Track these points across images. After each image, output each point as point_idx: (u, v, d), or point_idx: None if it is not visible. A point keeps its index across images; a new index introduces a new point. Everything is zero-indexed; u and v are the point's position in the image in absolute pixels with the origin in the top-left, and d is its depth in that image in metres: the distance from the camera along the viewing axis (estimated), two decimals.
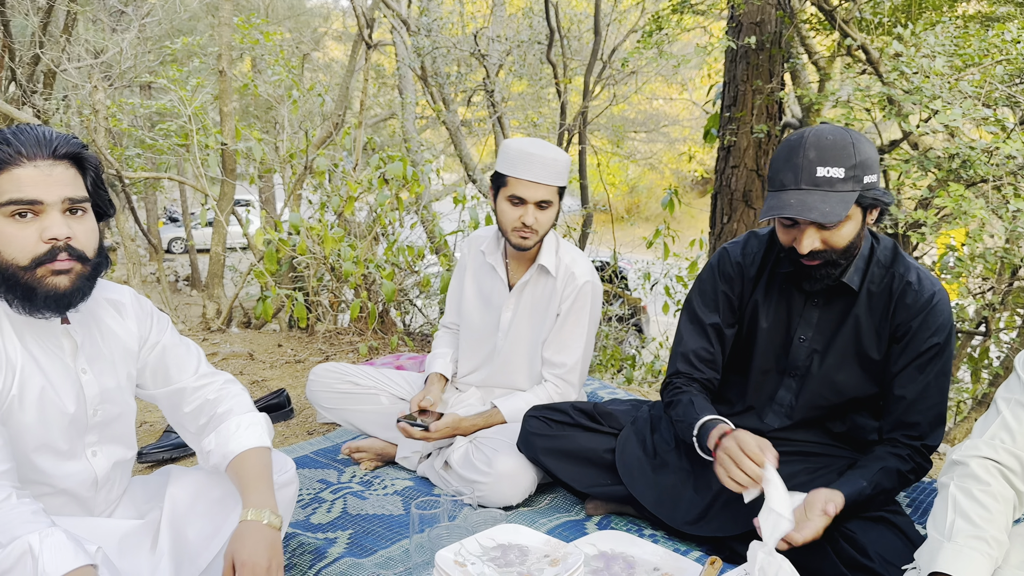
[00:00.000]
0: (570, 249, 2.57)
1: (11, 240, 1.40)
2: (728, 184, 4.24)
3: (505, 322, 2.58)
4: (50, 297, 1.42)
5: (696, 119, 15.54)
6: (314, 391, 2.71)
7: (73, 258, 1.43)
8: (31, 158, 1.40)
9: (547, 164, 2.36)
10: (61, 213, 1.42)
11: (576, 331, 2.51)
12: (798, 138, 1.82)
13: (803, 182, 1.79)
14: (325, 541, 2.10)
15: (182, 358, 1.77)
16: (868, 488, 1.81)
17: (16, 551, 1.22)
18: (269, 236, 4.59)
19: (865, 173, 1.78)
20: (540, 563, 1.63)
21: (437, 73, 7.83)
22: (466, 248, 2.73)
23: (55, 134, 1.46)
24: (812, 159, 1.78)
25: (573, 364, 2.52)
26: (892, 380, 1.92)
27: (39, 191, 1.40)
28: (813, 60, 5.14)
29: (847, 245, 1.84)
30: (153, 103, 5.82)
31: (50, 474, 1.52)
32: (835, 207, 1.76)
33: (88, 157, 1.49)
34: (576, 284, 2.49)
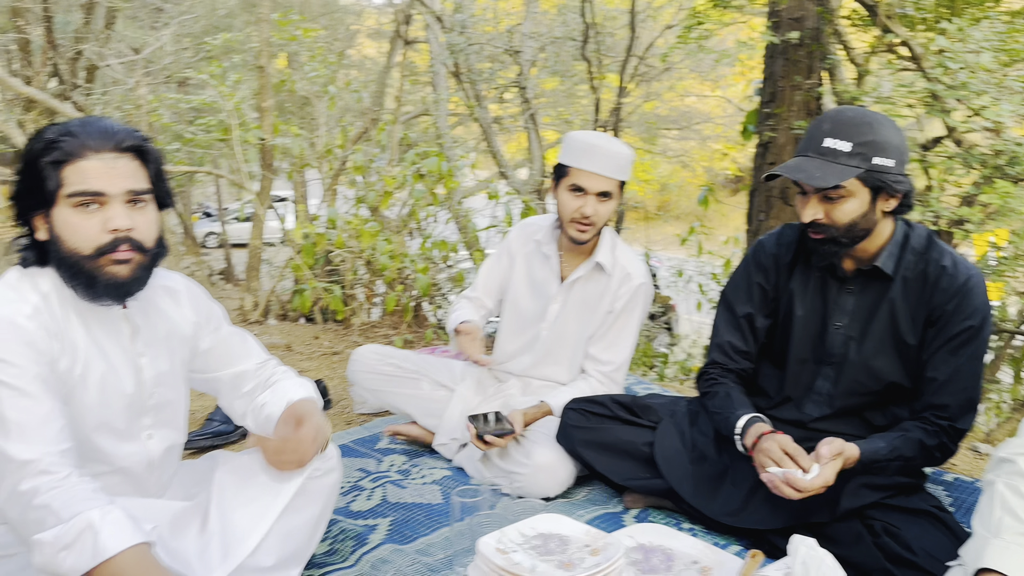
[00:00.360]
0: (626, 248, 2.59)
1: (76, 230, 1.44)
2: (765, 182, 4.21)
3: (552, 314, 2.59)
4: (110, 285, 1.47)
5: (729, 117, 15.39)
6: (356, 371, 2.73)
7: (134, 249, 1.48)
8: (96, 150, 1.45)
9: (610, 156, 2.37)
10: (123, 204, 1.47)
11: (627, 331, 2.53)
12: (825, 112, 1.90)
13: (810, 150, 1.86)
14: (366, 528, 2.14)
15: (245, 342, 1.85)
16: (885, 449, 1.83)
17: (77, 526, 1.26)
18: (307, 230, 4.65)
19: (875, 154, 1.80)
20: (581, 552, 1.65)
21: (470, 70, 7.86)
22: (516, 234, 2.71)
23: (119, 127, 1.50)
24: (824, 130, 1.84)
25: (621, 363, 2.54)
26: (925, 363, 1.92)
27: (103, 183, 1.44)
28: (851, 57, 5.08)
29: (848, 223, 1.86)
30: (194, 98, 5.91)
31: (108, 453, 1.57)
32: (827, 175, 1.80)
33: (150, 149, 1.54)
34: (632, 284, 2.50)
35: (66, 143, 1.43)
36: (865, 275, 1.97)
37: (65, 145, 1.43)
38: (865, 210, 1.86)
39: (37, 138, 1.47)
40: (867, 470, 1.84)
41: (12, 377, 1.35)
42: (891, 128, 1.85)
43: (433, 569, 1.93)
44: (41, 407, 1.36)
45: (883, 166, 1.81)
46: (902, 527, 1.77)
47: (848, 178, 1.80)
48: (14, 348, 1.38)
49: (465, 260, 5.43)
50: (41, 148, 1.44)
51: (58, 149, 1.43)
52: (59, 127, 1.47)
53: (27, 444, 1.32)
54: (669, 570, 1.82)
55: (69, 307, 1.51)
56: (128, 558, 1.27)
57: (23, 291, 1.47)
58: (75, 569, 1.26)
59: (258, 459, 1.76)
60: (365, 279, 5.06)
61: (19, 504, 1.30)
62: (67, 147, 1.43)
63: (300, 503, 1.73)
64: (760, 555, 1.76)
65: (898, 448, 1.85)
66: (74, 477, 1.33)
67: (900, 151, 1.84)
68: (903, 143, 1.86)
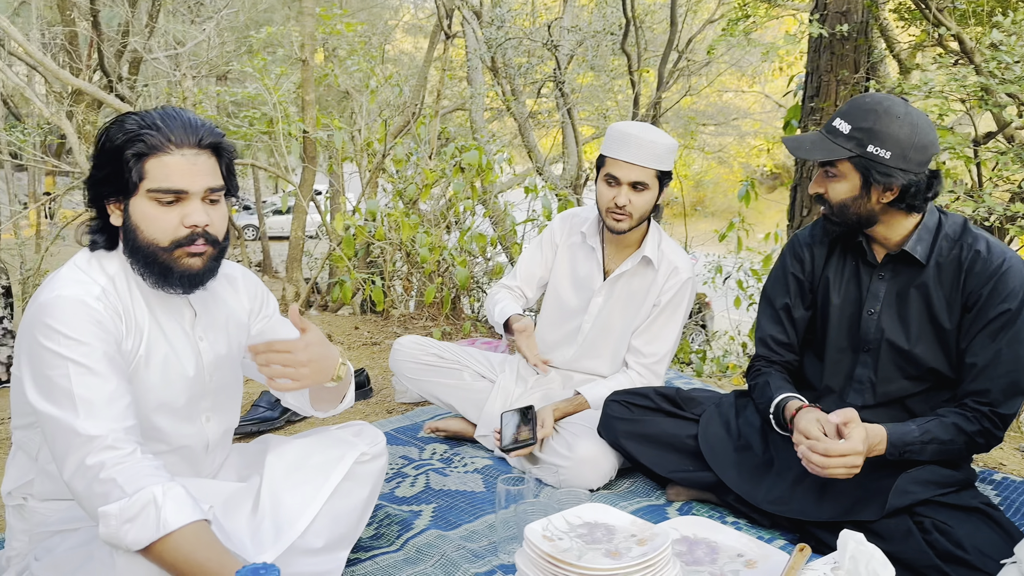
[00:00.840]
0: (672, 243, 2.58)
1: (154, 222, 1.48)
2: (809, 176, 4.16)
3: (595, 307, 2.59)
4: (184, 276, 1.51)
5: (768, 112, 15.23)
6: (398, 360, 2.74)
7: (208, 243, 1.52)
8: (179, 146, 1.47)
9: (643, 145, 2.34)
10: (201, 201, 1.50)
11: (671, 324, 2.52)
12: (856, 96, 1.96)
13: (824, 128, 1.93)
14: (411, 514, 2.17)
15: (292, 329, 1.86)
16: (916, 431, 1.82)
17: (141, 500, 1.30)
18: (348, 222, 4.69)
19: (871, 142, 1.84)
20: (627, 542, 1.65)
21: (507, 64, 7.87)
22: (559, 224, 2.70)
23: (200, 121, 1.52)
24: (840, 111, 1.92)
25: (663, 355, 2.53)
26: (964, 350, 1.91)
27: (185, 181, 1.47)
28: (895, 53, 5.00)
29: (839, 203, 1.92)
30: (238, 91, 6.00)
31: (168, 433, 1.61)
32: (815, 148, 1.90)
33: (226, 145, 1.56)
34: (680, 278, 2.49)
35: (150, 136, 1.45)
36: (895, 261, 1.98)
37: (149, 138, 1.45)
38: (855, 195, 1.90)
39: (118, 127, 1.48)
40: (902, 456, 1.83)
41: (81, 355, 1.39)
42: (904, 123, 1.83)
43: (477, 555, 1.95)
44: (108, 385, 1.40)
45: (876, 155, 1.83)
46: (953, 524, 1.75)
47: (832, 157, 1.86)
48: (83, 327, 1.41)
49: (500, 254, 5.45)
50: (124, 139, 1.45)
51: (142, 142, 1.45)
52: (141, 118, 1.49)
53: (94, 420, 1.36)
54: (714, 563, 1.82)
55: (135, 290, 1.55)
56: (188, 533, 1.31)
57: (92, 273, 1.52)
58: (138, 541, 1.30)
59: (308, 443, 1.80)
60: (404, 271, 5.10)
61: (85, 478, 1.33)
62: (151, 141, 1.45)
63: (348, 487, 1.76)
64: (807, 549, 1.74)
65: (931, 431, 1.83)
66: (138, 453, 1.37)
67: (903, 147, 1.82)
68: (914, 141, 1.83)
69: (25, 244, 9.61)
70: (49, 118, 5.38)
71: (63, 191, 6.47)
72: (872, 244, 2.02)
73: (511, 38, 7.71)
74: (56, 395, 1.37)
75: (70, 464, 1.34)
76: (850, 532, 1.66)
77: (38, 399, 1.38)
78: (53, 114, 5.42)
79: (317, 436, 1.83)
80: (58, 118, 5.33)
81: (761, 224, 7.67)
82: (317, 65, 6.59)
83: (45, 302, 1.42)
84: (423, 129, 5.40)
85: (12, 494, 1.58)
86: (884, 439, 1.82)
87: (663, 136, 2.39)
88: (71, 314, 1.41)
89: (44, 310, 1.41)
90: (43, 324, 1.40)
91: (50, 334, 1.39)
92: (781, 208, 5.45)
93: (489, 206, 5.39)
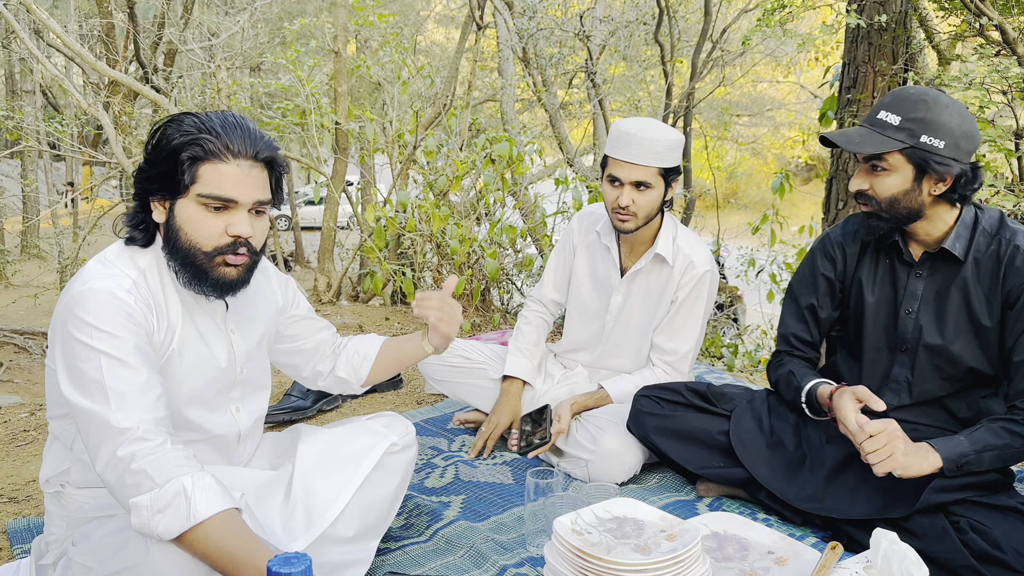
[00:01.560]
0: (688, 235, 2.53)
1: (199, 226, 1.49)
2: (845, 168, 4.09)
3: (615, 306, 2.57)
4: (218, 283, 1.53)
5: (803, 103, 15.01)
6: (425, 363, 2.78)
7: (249, 253, 1.53)
8: (236, 156, 1.47)
9: (642, 144, 2.28)
10: (248, 212, 1.51)
11: (691, 320, 2.49)
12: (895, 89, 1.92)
13: (867, 121, 1.89)
14: (440, 504, 2.18)
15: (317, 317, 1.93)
16: (967, 443, 1.77)
17: (171, 491, 1.31)
18: (380, 213, 4.72)
19: (924, 132, 1.80)
20: (657, 537, 1.65)
21: (538, 55, 7.84)
22: (576, 224, 2.69)
23: (259, 134, 1.52)
24: (884, 103, 1.87)
25: (685, 353, 2.50)
26: (1011, 349, 1.86)
27: (237, 192, 1.48)
28: (934, 44, 4.89)
29: (889, 198, 1.87)
30: (272, 82, 6.05)
31: (200, 424, 1.63)
32: (867, 142, 1.84)
33: (280, 160, 1.56)
34: (696, 273, 2.45)
35: (209, 142, 1.45)
36: (933, 258, 1.95)
37: (208, 144, 1.45)
38: (907, 188, 1.85)
39: (176, 126, 1.48)
40: (961, 469, 1.78)
41: (113, 348, 1.41)
42: (953, 113, 1.81)
43: (505, 547, 1.96)
44: (139, 377, 1.41)
45: (930, 145, 1.80)
46: (990, 524, 1.72)
47: (887, 149, 1.81)
48: (115, 319, 1.43)
49: (528, 246, 5.44)
50: (183, 141, 1.46)
51: (199, 146, 1.45)
52: (201, 121, 1.48)
53: (126, 412, 1.37)
54: (744, 559, 1.81)
55: (167, 283, 1.57)
56: (218, 522, 1.32)
57: (122, 266, 1.53)
58: (169, 531, 1.31)
59: (339, 433, 1.82)
60: (434, 263, 5.11)
61: (117, 469, 1.35)
62: (209, 146, 1.45)
63: (378, 477, 1.78)
64: (839, 547, 1.73)
65: (981, 439, 1.79)
66: (168, 444, 1.38)
67: (955, 136, 1.81)
68: (964, 130, 1.82)
69: (63, 233, 9.80)
70: (87, 109, 5.46)
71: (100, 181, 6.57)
72: (909, 242, 1.98)
73: (543, 28, 7.67)
74: (88, 387, 1.39)
75: (102, 455, 1.36)
76: (883, 531, 1.64)
77: (71, 391, 1.40)
78: (90, 105, 5.50)
79: (348, 426, 1.85)
80: (95, 109, 5.41)
81: (795, 217, 7.57)
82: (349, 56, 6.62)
83: (76, 295, 1.43)
84: (454, 120, 5.40)
85: (50, 481, 1.61)
86: (932, 451, 1.77)
87: (664, 132, 2.32)
88: (102, 307, 1.42)
89: (75, 303, 1.42)
90: (74, 316, 1.41)
91: (81, 326, 1.40)
92: (816, 200, 5.38)
93: (519, 198, 5.39)
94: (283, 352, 1.91)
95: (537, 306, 2.76)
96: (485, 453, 2.53)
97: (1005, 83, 3.22)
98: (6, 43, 10.88)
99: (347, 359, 1.95)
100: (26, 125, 8.56)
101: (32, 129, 9.29)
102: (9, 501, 2.38)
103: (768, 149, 16.70)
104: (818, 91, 8.69)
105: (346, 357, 1.95)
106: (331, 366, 1.95)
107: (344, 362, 1.95)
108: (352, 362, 1.95)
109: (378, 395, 3.30)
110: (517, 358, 2.63)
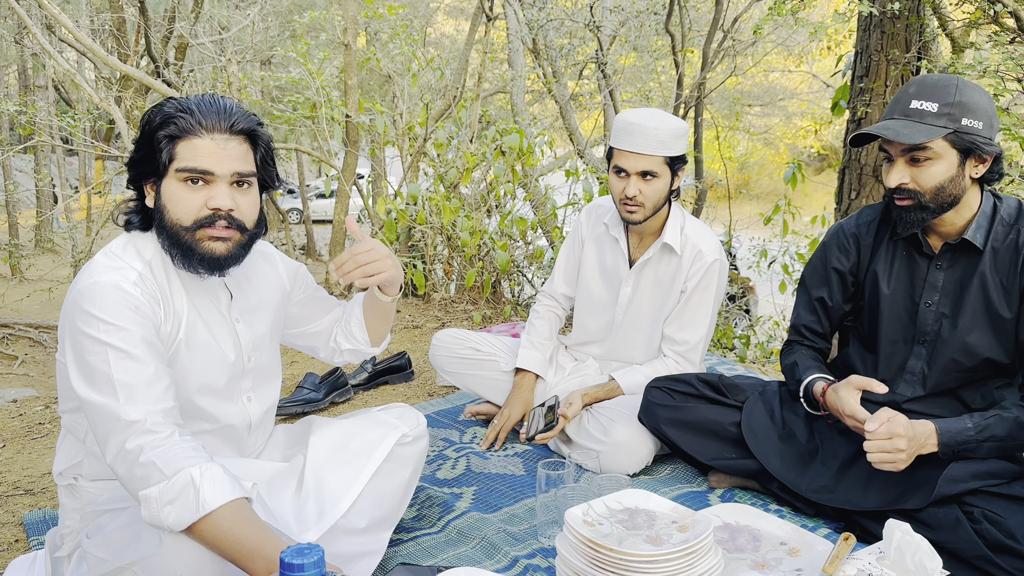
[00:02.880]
0: (696, 225, 2.52)
1: (179, 202, 1.51)
2: (857, 158, 4.05)
3: (624, 297, 2.57)
4: (205, 259, 1.53)
5: (815, 92, 14.90)
6: (437, 355, 2.79)
7: (233, 227, 1.53)
8: (209, 130, 1.50)
9: (647, 133, 2.28)
10: (228, 185, 1.52)
11: (701, 309, 2.48)
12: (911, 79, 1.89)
13: (897, 112, 1.85)
14: (452, 496, 2.18)
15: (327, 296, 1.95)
16: (972, 429, 1.78)
17: (180, 482, 1.32)
18: (390, 206, 4.72)
19: (964, 115, 1.77)
20: (668, 529, 1.65)
21: (548, 46, 7.81)
22: (585, 217, 2.69)
23: (235, 108, 1.54)
24: (911, 93, 1.83)
25: (696, 343, 2.49)
26: None
27: (211, 163, 1.49)
28: (947, 32, 4.83)
29: (936, 187, 1.82)
30: (282, 76, 6.06)
31: (211, 413, 1.64)
32: (914, 133, 1.78)
33: (261, 134, 1.58)
34: (704, 262, 2.44)
35: (182, 120, 1.49)
36: (953, 249, 1.92)
37: (181, 121, 1.49)
38: (953, 174, 1.82)
39: (157, 110, 1.53)
40: (956, 454, 1.78)
41: (120, 340, 1.41)
42: (978, 91, 1.81)
43: (517, 538, 1.96)
44: (147, 369, 1.42)
45: (972, 127, 1.78)
46: (1005, 514, 1.70)
47: (936, 137, 1.78)
48: (122, 312, 1.44)
49: (540, 237, 5.43)
50: (159, 121, 1.50)
51: (174, 124, 1.49)
52: (179, 102, 1.52)
53: (134, 405, 1.38)
54: (756, 550, 1.80)
55: (172, 274, 1.58)
56: (227, 512, 1.33)
57: (128, 258, 1.54)
58: (179, 523, 1.32)
59: (351, 425, 1.82)
60: (445, 255, 5.12)
61: (126, 462, 1.36)
62: (183, 123, 1.49)
63: (390, 468, 1.78)
64: (852, 538, 1.72)
65: (989, 427, 1.79)
66: (176, 435, 1.39)
67: (988, 114, 1.81)
68: (991, 107, 1.83)
69: (76, 228, 9.87)
70: (99, 103, 5.49)
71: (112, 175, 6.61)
72: (928, 234, 1.95)
73: (553, 19, 7.64)
74: (97, 380, 1.40)
75: (111, 448, 1.37)
76: (896, 521, 1.64)
77: (80, 384, 1.41)
78: (102, 100, 5.53)
79: (359, 418, 1.86)
80: (107, 103, 5.43)
81: (808, 207, 7.53)
82: (359, 49, 6.61)
83: (83, 288, 1.45)
84: (464, 112, 5.39)
85: (63, 474, 1.62)
86: (934, 435, 1.78)
87: (668, 121, 2.32)
88: (108, 300, 1.43)
89: (82, 296, 1.44)
90: (81, 310, 1.42)
91: (89, 320, 1.42)
92: (828, 190, 5.34)
93: (530, 189, 5.37)
94: (297, 336, 1.93)
95: (549, 300, 2.77)
96: (497, 445, 2.54)
97: (1020, 71, 3.19)
98: (19, 39, 10.94)
99: (343, 331, 1.96)
100: (39, 120, 8.61)
101: (45, 124, 9.35)
102: (25, 493, 2.41)
103: (780, 139, 16.61)
104: (831, 80, 8.63)
105: (342, 330, 1.96)
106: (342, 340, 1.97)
107: (342, 335, 1.96)
108: (347, 331, 1.95)
109: (389, 387, 3.31)
110: (529, 351, 2.64)
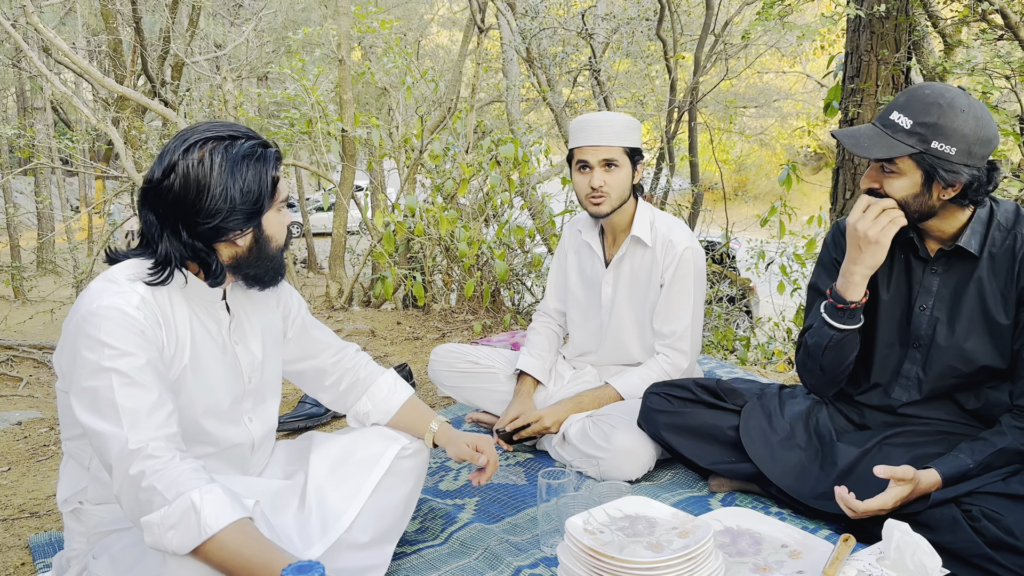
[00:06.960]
0: (666, 219, 2.57)
1: (281, 227, 1.64)
2: (851, 159, 4.08)
3: (606, 298, 2.61)
4: (282, 271, 1.69)
5: (809, 92, 14.94)
6: (436, 370, 2.82)
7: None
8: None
9: (601, 126, 2.42)
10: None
11: (682, 298, 2.50)
12: (913, 85, 1.90)
13: (878, 120, 1.85)
14: (454, 507, 2.20)
15: (322, 332, 1.93)
16: (972, 465, 1.80)
17: (181, 507, 1.32)
18: (388, 219, 4.74)
19: (935, 137, 1.75)
20: (669, 535, 1.66)
21: (542, 55, 7.85)
22: (567, 230, 2.78)
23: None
24: (898, 103, 1.83)
25: (682, 331, 2.51)
26: (1020, 350, 1.85)
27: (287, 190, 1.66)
28: (939, 29, 4.86)
29: (901, 200, 1.83)
30: (278, 92, 6.09)
31: (216, 436, 1.65)
32: (876, 145, 1.80)
33: None
34: (676, 251, 2.48)
35: (273, 153, 1.62)
36: (948, 255, 1.92)
37: (274, 152, 1.63)
38: (916, 192, 1.81)
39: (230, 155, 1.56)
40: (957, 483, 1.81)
41: (124, 366, 1.41)
42: (968, 117, 1.75)
43: (520, 548, 1.97)
44: (150, 395, 1.42)
45: (940, 151, 1.75)
46: (1003, 512, 1.71)
47: (896, 154, 1.77)
48: (125, 337, 1.43)
49: (538, 245, 5.46)
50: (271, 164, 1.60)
51: (277, 159, 1.62)
52: (246, 133, 1.62)
53: (137, 431, 1.38)
54: (757, 554, 1.81)
55: (174, 297, 1.58)
56: (230, 533, 1.33)
57: (129, 282, 1.53)
58: (182, 547, 1.32)
59: (351, 440, 1.84)
60: (443, 266, 5.14)
61: (131, 488, 1.36)
62: (277, 154, 1.63)
63: (391, 482, 1.80)
64: (852, 539, 1.73)
65: (989, 463, 1.80)
66: (176, 459, 1.39)
67: (968, 142, 1.75)
68: (979, 135, 1.76)
69: (77, 248, 9.90)
70: (96, 124, 5.52)
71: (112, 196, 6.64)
72: (924, 238, 1.95)
73: (545, 28, 7.67)
74: (100, 407, 1.39)
75: (117, 476, 1.37)
76: (895, 522, 1.65)
77: (82, 412, 1.41)
78: (100, 121, 5.56)
79: (359, 432, 1.87)
80: (104, 124, 5.46)
81: (805, 207, 7.55)
82: (354, 63, 6.65)
83: (86, 313, 1.43)
84: (460, 123, 5.43)
85: (68, 501, 1.62)
86: (938, 483, 1.79)
87: (620, 116, 2.47)
88: (113, 324, 1.42)
89: (86, 321, 1.42)
90: (86, 335, 1.41)
91: (93, 345, 1.41)
92: (825, 190, 5.35)
93: (527, 198, 5.40)
94: (295, 370, 1.93)
95: (544, 318, 2.84)
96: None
97: (1008, 68, 3.21)
98: (16, 62, 11.00)
99: (357, 420, 1.96)
100: (38, 142, 8.65)
101: (44, 146, 9.38)
102: (31, 516, 2.42)
103: (776, 140, 16.63)
104: (824, 80, 8.66)
105: (356, 417, 1.96)
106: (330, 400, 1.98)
107: (354, 422, 1.97)
108: (374, 411, 1.94)
109: None
110: (529, 358, 2.68)
